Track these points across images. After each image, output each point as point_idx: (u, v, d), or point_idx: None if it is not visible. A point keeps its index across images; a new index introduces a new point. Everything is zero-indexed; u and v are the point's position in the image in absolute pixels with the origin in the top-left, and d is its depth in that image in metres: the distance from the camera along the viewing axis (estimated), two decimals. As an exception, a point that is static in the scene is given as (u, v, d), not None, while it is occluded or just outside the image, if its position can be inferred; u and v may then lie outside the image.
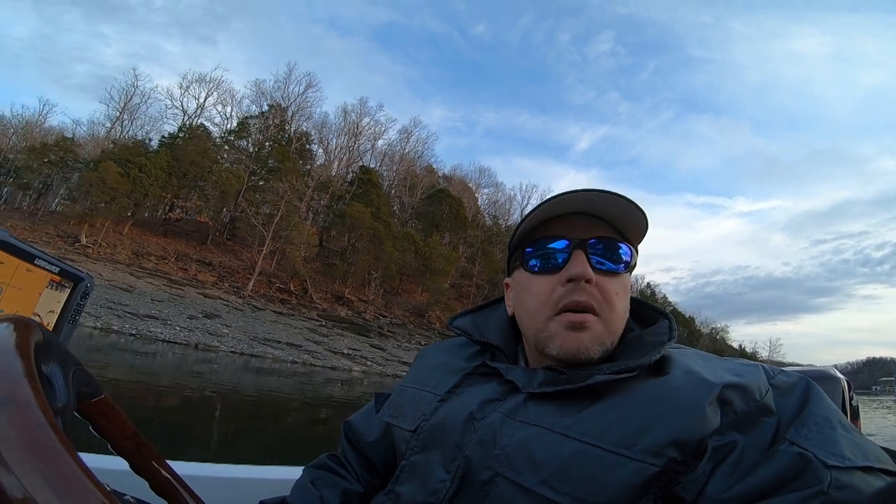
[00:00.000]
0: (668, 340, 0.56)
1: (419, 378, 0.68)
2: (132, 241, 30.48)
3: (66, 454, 0.25)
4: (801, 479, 0.42)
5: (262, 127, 40.76)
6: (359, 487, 0.67)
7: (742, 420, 0.47)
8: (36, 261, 0.64)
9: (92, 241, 28.10)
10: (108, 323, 18.67)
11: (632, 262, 0.61)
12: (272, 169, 36.15)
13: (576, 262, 0.58)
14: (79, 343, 14.17)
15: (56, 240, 27.69)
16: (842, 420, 0.47)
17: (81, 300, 0.72)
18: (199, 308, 24.49)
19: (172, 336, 19.63)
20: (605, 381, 0.51)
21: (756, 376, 0.51)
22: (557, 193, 0.59)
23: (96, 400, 0.44)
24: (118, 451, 0.46)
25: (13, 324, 0.33)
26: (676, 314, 74.14)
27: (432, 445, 0.56)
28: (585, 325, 0.56)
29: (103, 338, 17.31)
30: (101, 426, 0.44)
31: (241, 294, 29.82)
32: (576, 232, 0.60)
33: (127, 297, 22.12)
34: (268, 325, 25.89)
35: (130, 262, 28.13)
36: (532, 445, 0.49)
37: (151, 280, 26.51)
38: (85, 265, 25.15)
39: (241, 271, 32.66)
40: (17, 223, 28.70)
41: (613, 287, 0.58)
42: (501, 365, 0.61)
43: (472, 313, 0.75)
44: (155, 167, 30.96)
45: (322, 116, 49.49)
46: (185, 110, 42.89)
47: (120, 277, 25.04)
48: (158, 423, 6.27)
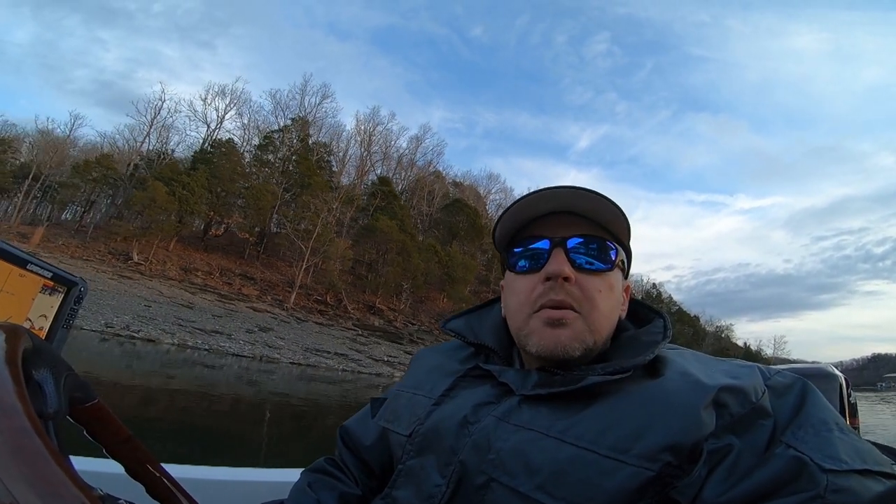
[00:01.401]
0: (663, 340, 0.56)
1: (414, 381, 0.69)
2: (178, 258, 32.21)
3: (51, 459, 0.25)
4: (798, 483, 0.41)
5: (288, 141, 42.47)
6: (356, 490, 0.68)
7: (738, 423, 0.46)
8: (28, 266, 0.62)
9: (143, 259, 29.85)
10: (182, 339, 20.36)
11: (617, 259, 0.61)
12: (303, 184, 37.97)
13: (553, 261, 0.58)
14: (164, 359, 15.89)
15: (108, 257, 29.43)
16: (839, 422, 0.47)
17: (75, 305, 0.71)
18: (254, 322, 26.13)
19: (239, 350, 21.35)
20: (599, 382, 0.51)
21: (752, 378, 0.50)
22: (527, 193, 0.60)
23: (90, 405, 0.44)
24: (112, 454, 0.46)
25: (2, 331, 0.33)
26: (682, 314, 75.65)
27: (427, 450, 0.57)
28: (564, 322, 0.56)
29: (179, 353, 19.02)
30: (94, 431, 0.44)
31: (284, 307, 31.47)
32: (558, 231, 0.60)
33: (190, 314, 23.83)
34: (314, 336, 27.53)
35: (181, 279, 29.85)
36: (527, 450, 0.49)
37: (204, 295, 28.22)
38: (142, 283, 26.93)
39: (281, 284, 34.37)
40: (69, 241, 30.43)
41: (595, 285, 0.58)
42: (495, 367, 0.61)
43: (466, 315, 0.74)
44: (197, 185, 32.72)
45: (337, 126, 51.19)
46: (208, 124, 44.92)
47: (177, 294, 26.76)
48: (250, 428, 7.43)
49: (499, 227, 0.64)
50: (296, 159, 40.48)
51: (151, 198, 29.48)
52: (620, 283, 0.62)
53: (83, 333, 17.39)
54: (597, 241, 0.60)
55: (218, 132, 44.76)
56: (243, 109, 46.53)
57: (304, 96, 48.36)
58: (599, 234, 0.60)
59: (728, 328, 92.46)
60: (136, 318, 20.72)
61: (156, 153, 41.50)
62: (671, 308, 73.84)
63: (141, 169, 37.76)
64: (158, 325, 20.95)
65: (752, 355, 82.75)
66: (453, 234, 46.73)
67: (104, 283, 24.49)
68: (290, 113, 47.24)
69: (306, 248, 33.10)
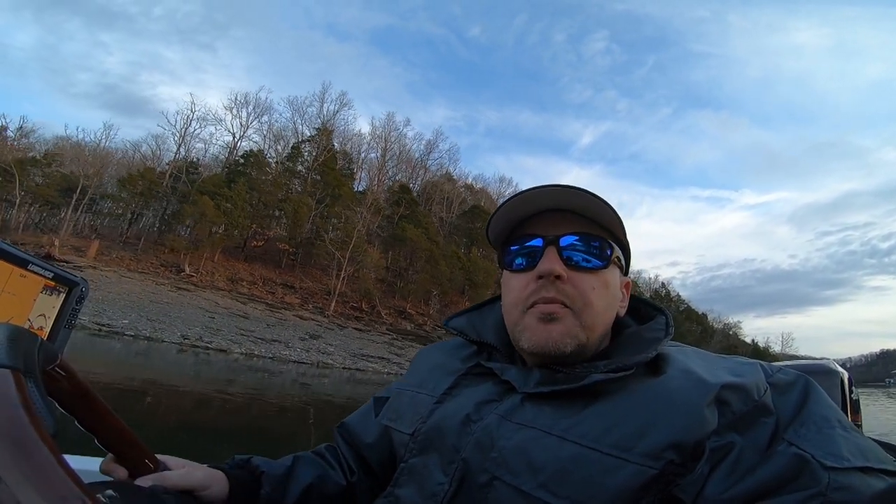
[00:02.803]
0: (665, 337, 0.56)
1: (417, 380, 0.69)
2: (224, 269, 34.11)
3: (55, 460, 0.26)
4: (800, 481, 0.42)
5: (315, 151, 44.17)
6: (341, 480, 0.68)
7: (740, 420, 0.46)
8: (29, 266, 0.62)
9: (194, 270, 31.83)
10: (249, 349, 22.32)
11: (612, 256, 0.60)
12: (333, 195, 39.85)
13: (545, 260, 0.58)
14: (236, 366, 17.75)
15: (161, 269, 31.42)
16: (841, 419, 0.47)
17: (77, 304, 0.71)
18: (303, 330, 27.98)
19: (298, 357, 23.29)
20: (602, 380, 0.51)
21: (755, 375, 0.50)
22: (519, 191, 0.60)
23: (51, 367, 0.43)
24: (67, 409, 0.46)
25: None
26: (690, 312, 76.99)
27: (430, 448, 0.57)
28: (555, 317, 0.56)
29: (247, 361, 20.93)
30: (52, 390, 0.44)
31: (325, 314, 33.31)
32: (551, 229, 0.60)
33: (248, 323, 25.75)
34: (357, 342, 29.32)
35: (229, 289, 31.74)
36: (530, 448, 0.49)
37: (254, 305, 30.07)
38: (197, 294, 28.91)
39: (319, 293, 36.20)
40: (122, 253, 32.43)
41: (589, 283, 0.58)
42: (497, 365, 0.61)
43: (468, 313, 0.74)
44: (240, 198, 34.66)
45: (354, 133, 52.52)
46: (233, 133, 46.70)
47: (231, 304, 28.68)
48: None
49: (492, 224, 0.65)
50: (323, 170, 42.35)
51: (201, 212, 31.41)
52: (617, 280, 0.62)
53: (163, 345, 19.35)
54: (590, 239, 0.60)
55: (241, 141, 46.43)
56: (265, 118, 47.86)
57: (322, 104, 49.74)
58: (594, 231, 0.60)
59: (736, 325, 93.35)
60: (205, 329, 22.70)
61: (184, 162, 43.12)
62: (679, 306, 74.98)
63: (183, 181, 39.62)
64: (225, 335, 22.89)
65: (760, 352, 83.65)
66: (472, 239, 48.51)
67: (166, 296, 26.43)
68: (308, 119, 48.82)
69: (343, 258, 34.95)
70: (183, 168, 41.37)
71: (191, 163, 43.25)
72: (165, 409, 7.56)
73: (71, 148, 44.02)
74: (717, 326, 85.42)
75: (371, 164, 52.54)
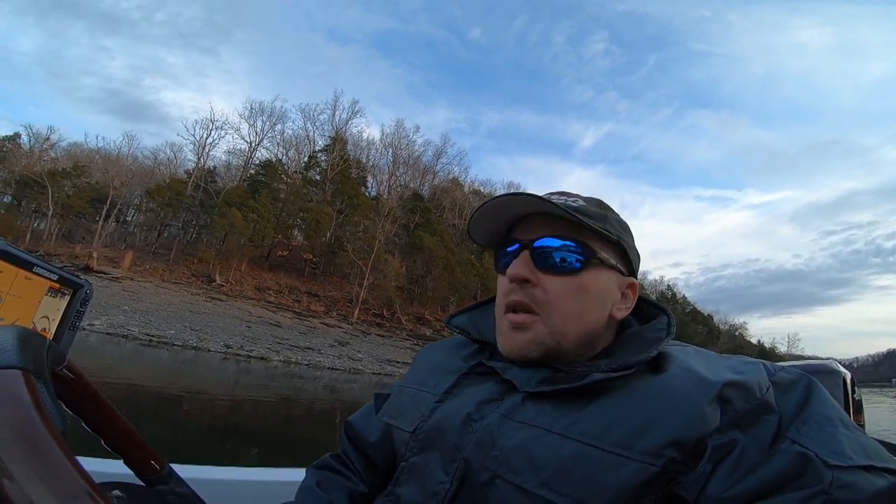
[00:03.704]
0: (667, 336, 0.56)
1: (418, 378, 0.68)
2: (251, 278, 35.49)
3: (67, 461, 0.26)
4: (803, 479, 0.42)
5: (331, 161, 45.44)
6: (363, 488, 0.67)
7: (742, 418, 0.46)
8: (34, 269, 0.63)
9: (224, 280, 33.23)
10: (286, 357, 23.62)
11: (591, 258, 0.59)
12: (352, 205, 41.25)
13: (514, 264, 0.59)
14: (272, 373, 19.03)
15: (193, 280, 32.84)
16: (843, 418, 0.47)
17: (81, 306, 0.72)
18: (331, 337, 29.29)
19: (332, 364, 24.58)
20: (603, 379, 0.51)
21: (757, 374, 0.50)
22: (496, 196, 0.60)
23: (59, 369, 0.44)
24: (75, 411, 0.47)
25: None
26: (696, 313, 77.88)
27: (431, 447, 0.56)
28: (523, 326, 0.57)
29: (285, 368, 22.26)
30: (60, 391, 0.44)
31: (349, 321, 34.62)
32: (529, 233, 0.60)
33: (281, 332, 27.02)
34: (382, 348, 30.62)
35: (258, 298, 33.09)
36: (531, 446, 0.49)
37: (284, 314, 31.42)
38: (230, 303, 30.29)
39: (341, 300, 37.55)
40: (155, 264, 33.80)
41: (559, 287, 0.57)
42: (498, 364, 0.61)
43: (470, 311, 0.74)
44: (265, 209, 36.08)
45: (364, 140, 53.86)
46: (250, 143, 48.06)
47: (263, 314, 30.02)
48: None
49: (471, 228, 0.65)
50: (340, 179, 43.73)
51: (231, 223, 32.85)
52: (605, 282, 0.60)
53: (209, 354, 20.69)
54: (565, 242, 0.59)
55: (257, 150, 47.82)
56: (278, 127, 49.11)
57: (334, 111, 50.89)
58: (571, 234, 0.59)
59: (742, 326, 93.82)
60: (244, 338, 24.01)
61: (203, 171, 44.39)
62: (685, 308, 75.95)
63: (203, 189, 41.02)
64: (263, 343, 24.18)
65: (766, 352, 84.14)
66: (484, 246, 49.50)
67: (203, 306, 27.81)
68: (320, 126, 50.02)
69: (366, 267, 36.28)
70: (202, 177, 42.83)
71: (208, 171, 44.76)
72: (213, 413, 8.37)
73: (98, 158, 45.41)
74: (723, 328, 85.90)
75: (380, 170, 53.97)
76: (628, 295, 0.63)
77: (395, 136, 55.29)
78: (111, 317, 21.61)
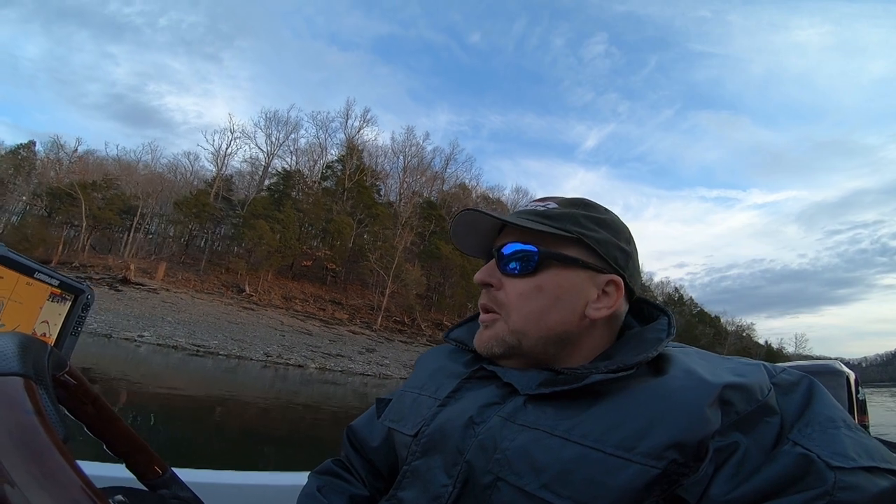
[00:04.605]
0: (667, 337, 0.56)
1: (419, 382, 0.69)
2: (278, 287, 36.96)
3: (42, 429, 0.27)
4: (806, 481, 0.42)
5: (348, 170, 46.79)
6: (365, 492, 0.68)
7: (744, 420, 0.46)
8: (36, 274, 0.64)
9: (253, 290, 34.73)
10: (322, 364, 25.04)
11: (540, 262, 0.59)
12: (371, 215, 42.71)
13: (481, 270, 0.63)
14: (308, 379, 20.35)
15: (224, 290, 34.33)
16: (846, 419, 0.47)
17: (83, 312, 0.72)
18: (360, 344, 30.68)
19: (363, 370, 26.00)
20: (602, 380, 0.51)
21: (758, 375, 0.50)
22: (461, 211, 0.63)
23: (60, 374, 0.44)
24: (76, 415, 0.47)
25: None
26: (703, 315, 78.48)
27: (433, 450, 0.57)
28: (487, 325, 0.62)
29: (320, 374, 23.65)
30: (61, 396, 0.44)
31: (373, 328, 36.02)
32: (499, 241, 0.64)
33: (312, 340, 28.42)
34: (406, 354, 31.91)
35: (286, 307, 34.56)
36: (533, 449, 0.49)
37: (312, 322, 32.85)
38: (261, 313, 31.76)
39: (364, 308, 38.95)
40: (187, 275, 35.31)
41: (516, 288, 0.60)
42: (499, 368, 0.62)
43: (468, 322, 0.76)
44: (290, 221, 37.57)
45: (375, 149, 54.70)
46: (268, 154, 49.43)
47: (294, 322, 31.44)
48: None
49: (458, 245, 0.69)
50: (357, 189, 45.18)
51: (259, 235, 34.33)
52: (565, 281, 0.59)
53: (250, 363, 22.11)
54: (523, 246, 0.61)
55: (273, 159, 49.16)
56: (293, 136, 50.35)
57: (347, 119, 52.09)
58: (531, 238, 0.61)
59: (749, 327, 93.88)
60: (281, 347, 25.46)
61: (223, 179, 45.72)
62: (692, 309, 76.70)
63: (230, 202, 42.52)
64: (298, 351, 25.60)
65: (774, 353, 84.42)
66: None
67: (238, 316, 29.28)
68: (331, 133, 51.18)
69: (387, 276, 37.67)
70: (220, 186, 44.25)
71: (225, 180, 46.23)
72: (279, 418, 9.07)
73: (115, 166, 46.63)
74: (731, 329, 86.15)
75: (390, 176, 54.81)
76: (610, 293, 0.60)
77: (406, 144, 56.48)
78: (158, 328, 23.14)
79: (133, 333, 20.94)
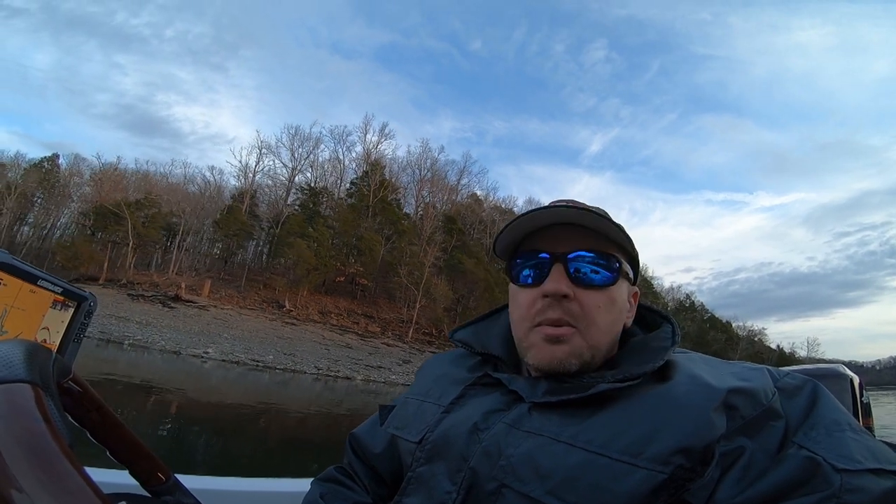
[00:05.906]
0: (672, 345, 0.56)
1: (423, 389, 0.69)
2: (315, 303, 39.23)
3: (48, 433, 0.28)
4: (812, 484, 0.42)
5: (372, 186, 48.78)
6: (367, 499, 0.68)
7: (749, 425, 0.46)
8: (39, 282, 0.64)
9: (292, 306, 37.06)
10: (367, 376, 27.21)
11: (620, 270, 0.60)
12: (397, 231, 44.99)
13: (552, 279, 0.58)
14: (353, 390, 22.32)
15: (265, 306, 36.68)
16: (850, 422, 0.47)
17: (85, 319, 0.73)
18: (396, 356, 32.76)
19: (403, 380, 27.96)
20: (609, 389, 0.51)
21: (762, 380, 0.51)
22: (533, 209, 0.61)
23: (65, 381, 0.45)
24: (80, 422, 0.48)
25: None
26: (714, 320, 79.16)
27: (437, 457, 0.57)
28: (562, 339, 0.57)
29: (365, 385, 25.78)
30: (66, 403, 0.45)
31: (405, 340, 38.20)
32: (558, 245, 0.60)
33: (353, 353, 30.57)
34: (437, 366, 34.16)
35: (323, 321, 36.80)
36: (538, 455, 0.49)
37: (349, 335, 35.01)
38: (302, 328, 33.93)
39: (394, 321, 41.14)
40: (230, 291, 37.71)
41: (595, 301, 0.58)
42: (504, 375, 0.61)
43: (473, 324, 0.75)
44: (324, 239, 39.87)
45: (393, 160, 56.64)
46: (293, 169, 51.53)
47: (334, 337, 33.61)
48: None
49: (499, 241, 0.65)
50: (381, 205, 47.47)
51: (298, 254, 36.70)
52: (625, 293, 0.62)
53: (302, 376, 24.25)
54: (598, 255, 0.59)
55: (297, 175, 51.32)
56: (314, 152, 52.60)
57: (365, 133, 54.27)
58: (601, 247, 0.60)
59: (761, 332, 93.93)
60: (328, 361, 27.62)
61: (249, 193, 47.81)
62: (703, 315, 77.60)
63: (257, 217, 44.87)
64: (343, 364, 27.73)
65: (785, 357, 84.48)
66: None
67: (283, 331, 31.54)
68: (349, 146, 52.98)
69: (417, 291, 39.84)
70: (249, 202, 46.55)
71: (251, 195, 48.61)
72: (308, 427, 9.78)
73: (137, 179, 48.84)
74: (742, 333, 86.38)
75: (407, 189, 56.38)
76: (632, 303, 0.65)
77: (422, 157, 58.10)
78: (219, 345, 25.46)
79: (199, 350, 23.25)
